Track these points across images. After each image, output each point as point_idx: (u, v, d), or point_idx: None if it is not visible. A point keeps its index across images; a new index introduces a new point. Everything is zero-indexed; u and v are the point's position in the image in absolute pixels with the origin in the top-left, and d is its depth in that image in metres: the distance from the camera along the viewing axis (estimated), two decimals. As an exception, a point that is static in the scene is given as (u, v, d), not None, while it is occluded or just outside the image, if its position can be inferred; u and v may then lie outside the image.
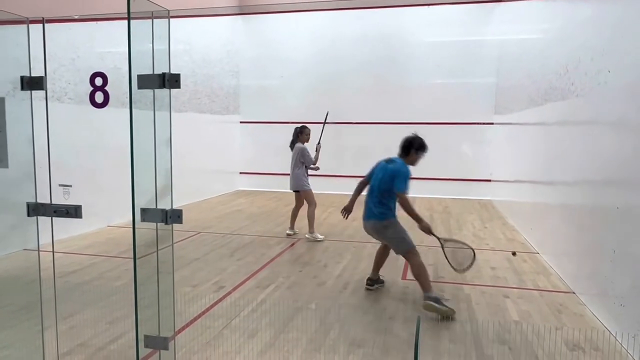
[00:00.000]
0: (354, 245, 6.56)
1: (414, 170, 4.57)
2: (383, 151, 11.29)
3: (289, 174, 7.20)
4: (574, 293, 4.64)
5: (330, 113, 12.11)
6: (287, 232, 7.19)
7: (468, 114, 11.16)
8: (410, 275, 5.19)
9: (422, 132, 11.90)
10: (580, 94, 4.86)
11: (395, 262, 5.67)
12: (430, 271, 5.32)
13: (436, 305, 4.03)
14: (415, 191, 11.03)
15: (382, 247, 4.91)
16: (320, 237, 6.84)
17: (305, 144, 7.08)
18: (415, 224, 4.38)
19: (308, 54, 11.94)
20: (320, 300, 4.42)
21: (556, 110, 5.74)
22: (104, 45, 7.06)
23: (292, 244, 6.55)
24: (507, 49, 9.82)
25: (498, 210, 9.61)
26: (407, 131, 11.78)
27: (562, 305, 4.33)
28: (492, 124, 10.92)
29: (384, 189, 4.54)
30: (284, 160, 12.17)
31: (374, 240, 6.87)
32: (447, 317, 3.99)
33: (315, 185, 11.92)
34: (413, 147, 4.72)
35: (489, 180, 10.92)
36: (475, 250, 4.52)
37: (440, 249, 4.54)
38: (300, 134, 7.09)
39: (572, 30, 5.42)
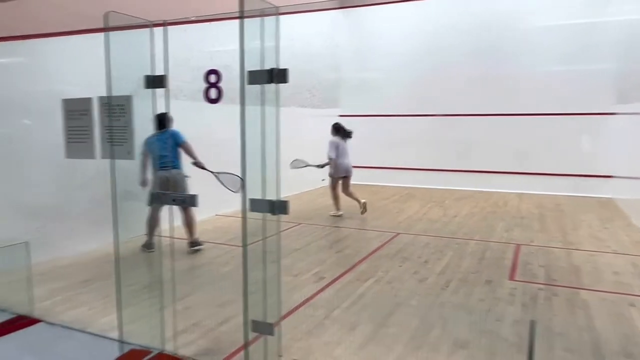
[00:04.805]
0: (457, 242, 6.32)
1: (524, 165, 4.30)
2: (488, 144, 10.91)
3: (387, 167, 7.32)
4: None
5: (434, 105, 11.83)
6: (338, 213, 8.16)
7: (585, 103, 10.17)
8: (518, 275, 4.90)
9: (533, 124, 11.08)
10: None
11: (502, 262, 5.38)
12: (541, 273, 4.98)
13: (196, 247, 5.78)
14: (524, 187, 10.55)
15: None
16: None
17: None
18: None
19: (410, 45, 11.65)
20: (421, 297, 4.31)
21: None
22: (213, 45, 7.49)
23: (390, 239, 6.47)
24: (633, 30, 8.79)
25: (621, 209, 8.69)
26: (516, 123, 11.06)
27: (702, 320, 3.80)
28: (613, 114, 9.87)
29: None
30: (382, 153, 12.15)
31: (477, 237, 6.62)
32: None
33: (415, 180, 11.79)
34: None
35: (610, 177, 9.91)
36: (594, 253, 4.11)
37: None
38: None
39: None
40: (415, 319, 3.78)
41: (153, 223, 5.11)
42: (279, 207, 2.63)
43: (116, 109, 3.01)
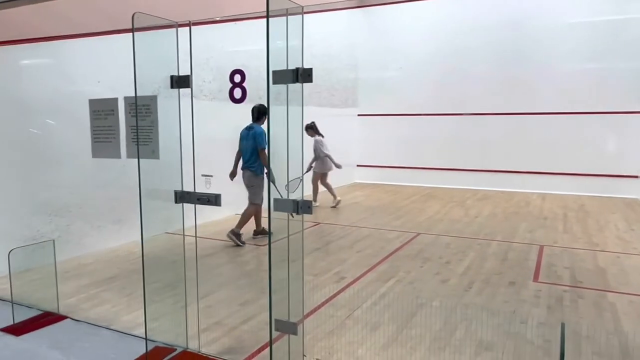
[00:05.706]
0: (478, 242, 6.24)
1: (547, 165, 4.22)
2: (510, 144, 10.75)
3: (407, 167, 7.34)
4: None
5: (454, 104, 11.71)
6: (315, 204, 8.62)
7: (609, 102, 9.97)
8: (542, 277, 4.82)
9: (555, 123, 10.86)
10: None
11: (525, 263, 5.30)
12: (566, 275, 4.89)
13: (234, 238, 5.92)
14: (546, 187, 10.38)
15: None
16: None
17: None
18: None
19: (429, 44, 11.56)
20: (444, 298, 4.27)
21: None
22: (233, 45, 7.52)
23: (411, 239, 6.42)
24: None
25: (647, 210, 8.50)
26: (538, 122, 10.90)
27: None
28: (639, 112, 9.66)
29: None
30: (402, 152, 12.08)
31: (499, 238, 6.54)
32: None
33: (435, 180, 11.69)
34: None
35: (636, 177, 9.69)
36: (620, 255, 4.03)
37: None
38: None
39: None
40: (438, 320, 3.74)
41: (257, 214, 6.26)
42: (303, 207, 2.63)
43: (142, 109, 3.03)
